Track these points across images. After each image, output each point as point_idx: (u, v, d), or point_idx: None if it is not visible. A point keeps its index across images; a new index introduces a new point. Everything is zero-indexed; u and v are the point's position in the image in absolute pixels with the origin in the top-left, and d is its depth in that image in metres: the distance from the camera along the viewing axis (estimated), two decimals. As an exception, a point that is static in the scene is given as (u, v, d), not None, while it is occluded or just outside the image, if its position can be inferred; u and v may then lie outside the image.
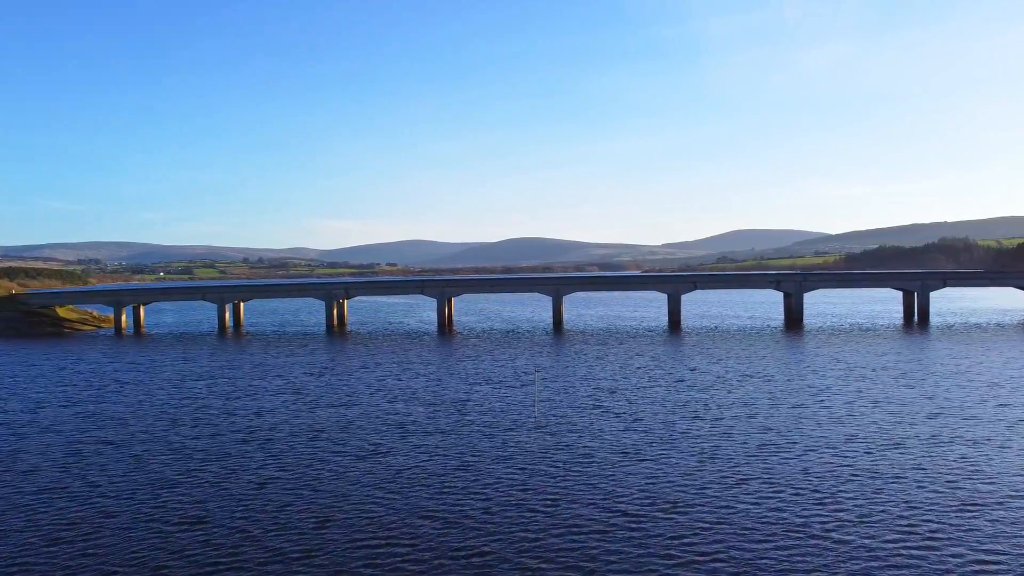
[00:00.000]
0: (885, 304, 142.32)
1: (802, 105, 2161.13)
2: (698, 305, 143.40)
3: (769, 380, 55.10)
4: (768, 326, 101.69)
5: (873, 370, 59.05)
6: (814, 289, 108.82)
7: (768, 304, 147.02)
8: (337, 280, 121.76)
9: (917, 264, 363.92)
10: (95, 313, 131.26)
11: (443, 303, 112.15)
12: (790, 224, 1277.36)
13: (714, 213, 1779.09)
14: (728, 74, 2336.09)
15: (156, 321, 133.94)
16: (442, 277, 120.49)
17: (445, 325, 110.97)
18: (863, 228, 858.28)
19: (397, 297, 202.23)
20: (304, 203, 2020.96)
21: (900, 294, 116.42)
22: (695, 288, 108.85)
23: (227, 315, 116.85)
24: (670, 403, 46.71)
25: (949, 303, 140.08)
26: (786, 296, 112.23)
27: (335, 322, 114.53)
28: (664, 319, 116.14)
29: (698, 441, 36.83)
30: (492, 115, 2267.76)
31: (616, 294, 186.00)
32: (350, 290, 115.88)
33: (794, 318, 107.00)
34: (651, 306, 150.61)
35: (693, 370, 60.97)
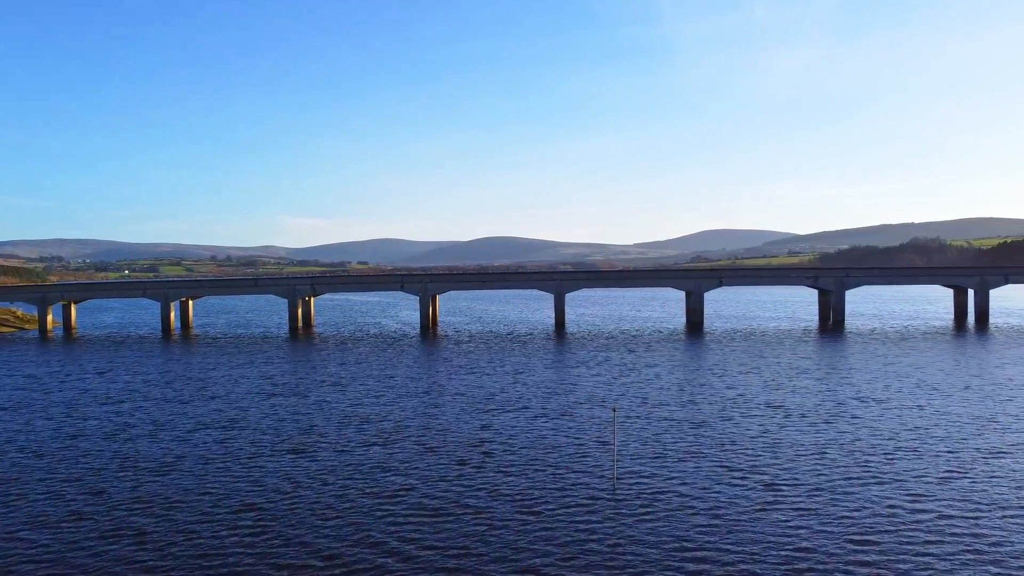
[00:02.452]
0: (916, 304, 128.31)
1: (771, 108, 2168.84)
2: (707, 304, 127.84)
3: (905, 408, 39.53)
4: (805, 328, 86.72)
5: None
6: (857, 286, 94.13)
7: (789, 303, 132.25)
8: (303, 274, 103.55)
9: (892, 263, 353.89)
10: (19, 312, 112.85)
11: (427, 301, 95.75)
12: (759, 224, 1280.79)
13: (684, 213, 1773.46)
14: (699, 76, 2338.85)
15: (93, 322, 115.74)
16: (426, 271, 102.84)
17: (429, 327, 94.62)
18: (832, 229, 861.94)
19: (372, 295, 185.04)
20: (274, 201, 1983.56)
21: (950, 292, 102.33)
22: (720, 284, 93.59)
23: (172, 315, 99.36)
24: (801, 447, 30.87)
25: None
26: (822, 294, 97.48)
27: (299, 323, 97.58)
28: (680, 319, 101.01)
29: (931, 531, 20.99)
30: (465, 116, 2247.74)
31: (613, 292, 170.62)
32: (317, 286, 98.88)
33: (835, 319, 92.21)
34: (654, 304, 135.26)
35: (779, 389, 45.27)
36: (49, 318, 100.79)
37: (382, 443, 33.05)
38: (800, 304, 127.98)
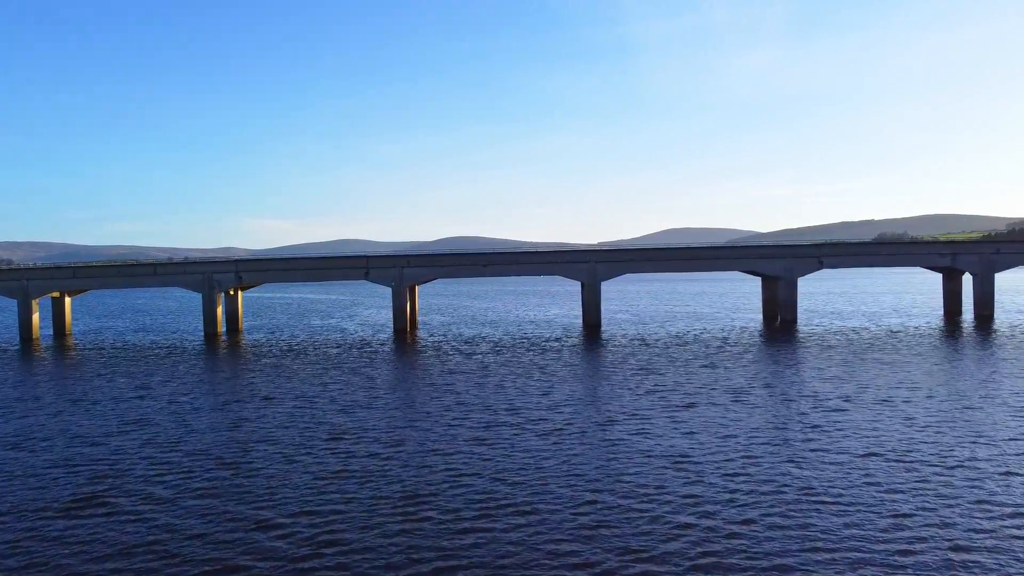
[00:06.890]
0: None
1: (731, 108, 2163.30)
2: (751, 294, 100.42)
3: None
4: (932, 326, 60.10)
5: None
6: (1008, 268, 67.51)
7: (835, 294, 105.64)
8: (224, 260, 72.08)
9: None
10: None
11: (403, 294, 66.82)
12: (721, 223, 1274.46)
13: (647, 212, 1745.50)
14: (660, 77, 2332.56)
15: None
16: (399, 254, 72.90)
17: (406, 331, 65.88)
18: (793, 227, 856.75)
19: (325, 287, 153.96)
20: (235, 202, 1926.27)
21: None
22: (821, 267, 66.04)
23: (36, 317, 69.20)
24: None
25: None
26: (949, 278, 70.91)
27: (219, 328, 68.01)
28: (749, 315, 74.04)
29: None
30: (428, 117, 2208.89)
31: (615, 284, 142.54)
32: (245, 274, 68.92)
33: (979, 312, 65.93)
34: (686, 298, 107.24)
35: None
36: None
37: None
38: (885, 294, 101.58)
